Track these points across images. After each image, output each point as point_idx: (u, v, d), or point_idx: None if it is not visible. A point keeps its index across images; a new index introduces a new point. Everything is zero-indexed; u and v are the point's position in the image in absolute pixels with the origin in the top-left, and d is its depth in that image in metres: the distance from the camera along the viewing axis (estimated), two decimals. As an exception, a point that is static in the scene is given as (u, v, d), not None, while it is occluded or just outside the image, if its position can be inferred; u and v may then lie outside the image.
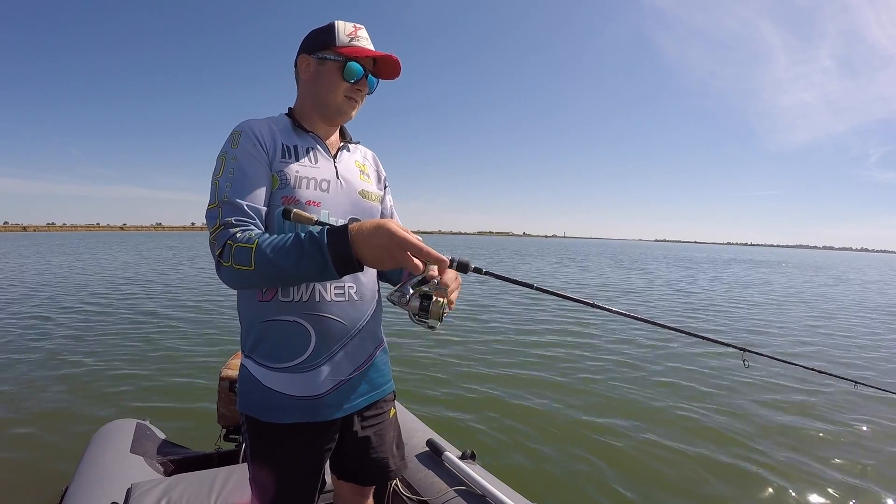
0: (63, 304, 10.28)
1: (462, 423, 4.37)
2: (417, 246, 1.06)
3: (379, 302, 1.48)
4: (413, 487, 2.19)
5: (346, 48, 1.35)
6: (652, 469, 3.66)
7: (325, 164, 1.39)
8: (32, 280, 14.45)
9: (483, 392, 5.21)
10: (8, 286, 12.72)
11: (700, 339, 1.76)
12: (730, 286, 18.66)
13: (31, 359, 6.09)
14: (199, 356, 6.34)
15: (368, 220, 1.11)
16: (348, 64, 1.34)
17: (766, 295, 15.65)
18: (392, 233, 1.05)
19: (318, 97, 1.39)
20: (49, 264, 20.63)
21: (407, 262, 1.06)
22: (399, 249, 1.06)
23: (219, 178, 1.26)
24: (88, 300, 10.75)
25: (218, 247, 1.18)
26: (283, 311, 1.29)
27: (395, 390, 1.58)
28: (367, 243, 1.07)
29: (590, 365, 6.25)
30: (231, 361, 2.68)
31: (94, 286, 13.19)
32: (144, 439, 2.62)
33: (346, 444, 1.44)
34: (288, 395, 1.30)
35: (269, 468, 1.34)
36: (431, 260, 1.09)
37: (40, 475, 3.31)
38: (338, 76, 1.35)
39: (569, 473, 3.57)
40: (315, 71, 1.38)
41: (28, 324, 8.07)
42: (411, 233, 1.08)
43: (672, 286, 17.64)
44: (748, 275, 25.78)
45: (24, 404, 4.59)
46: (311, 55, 1.38)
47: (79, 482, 2.18)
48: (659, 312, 10.94)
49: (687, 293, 15.34)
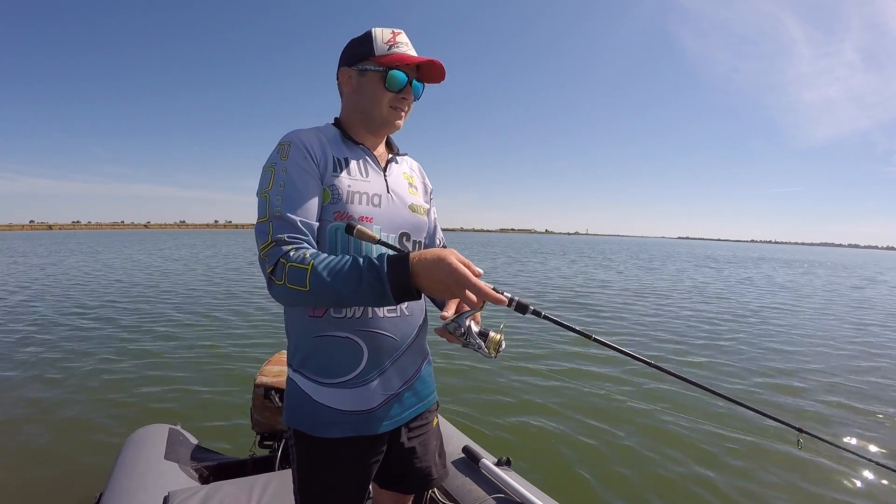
0: (88, 305, 10.43)
1: (494, 429, 4.33)
2: (477, 286, 1.04)
3: (426, 315, 1.47)
4: (450, 494, 2.17)
5: (386, 57, 1.31)
6: (686, 489, 3.57)
7: (375, 178, 1.37)
8: (61, 280, 14.60)
9: (518, 397, 5.16)
10: (35, 287, 12.86)
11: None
12: (773, 290, 17.94)
13: (59, 361, 6.17)
14: (230, 360, 6.37)
15: (429, 251, 1.08)
16: (390, 73, 1.30)
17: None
18: (453, 269, 1.03)
19: (363, 110, 1.36)
20: (78, 263, 20.91)
21: (465, 298, 1.05)
22: (458, 286, 1.04)
23: (269, 192, 1.23)
24: (112, 302, 10.87)
25: (270, 264, 1.15)
26: (335, 328, 1.28)
27: (438, 400, 1.58)
28: (426, 276, 1.05)
29: (630, 376, 6.07)
30: (265, 368, 2.67)
31: (120, 287, 13.33)
32: (178, 445, 2.61)
33: (391, 454, 1.43)
34: (339, 410, 1.29)
35: (318, 481, 1.34)
36: (489, 300, 1.06)
37: (73, 480, 3.33)
38: (380, 87, 1.32)
39: (604, 482, 3.51)
40: (357, 83, 1.35)
41: (56, 326, 8.16)
42: (471, 265, 1.06)
43: (702, 290, 17.17)
44: (794, 278, 23.92)
45: (55, 408, 4.64)
46: (351, 67, 1.35)
47: (114, 488, 2.17)
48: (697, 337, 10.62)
49: (727, 302, 14.57)
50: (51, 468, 3.50)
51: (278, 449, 2.57)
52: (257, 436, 2.66)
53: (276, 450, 2.58)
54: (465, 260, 1.06)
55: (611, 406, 4.92)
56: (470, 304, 1.08)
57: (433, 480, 1.53)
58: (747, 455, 3.98)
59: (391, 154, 1.47)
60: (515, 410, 4.80)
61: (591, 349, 6.98)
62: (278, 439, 2.61)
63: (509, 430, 4.32)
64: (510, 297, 1.09)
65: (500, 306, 1.09)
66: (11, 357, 6.35)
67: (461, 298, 1.06)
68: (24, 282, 14.60)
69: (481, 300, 1.06)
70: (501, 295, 1.07)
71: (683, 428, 4.42)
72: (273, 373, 2.61)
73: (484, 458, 2.30)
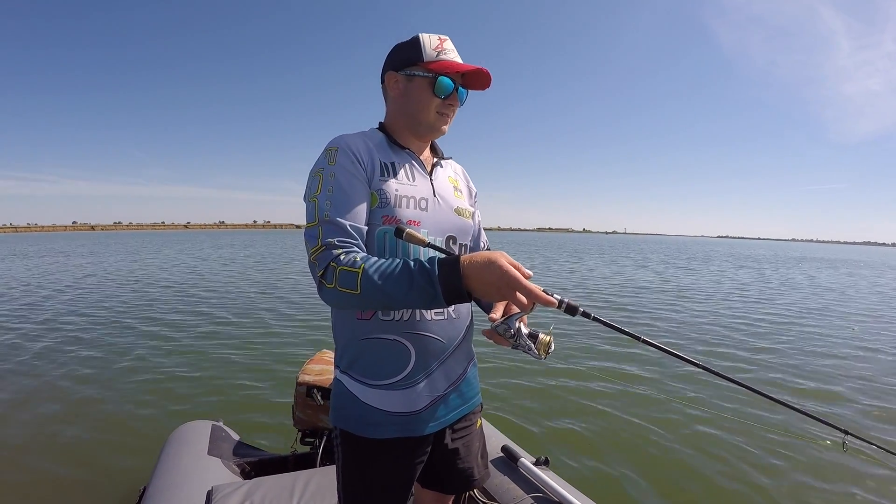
0: (132, 303, 10.69)
1: (532, 429, 4.31)
2: (528, 288, 1.04)
3: (472, 318, 1.47)
4: (489, 493, 2.18)
5: (435, 63, 1.32)
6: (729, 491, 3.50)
7: (422, 182, 1.38)
8: (103, 278, 14.93)
9: (557, 397, 5.14)
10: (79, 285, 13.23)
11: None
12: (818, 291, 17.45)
13: (103, 359, 6.36)
14: (272, 358, 6.46)
15: (479, 253, 1.10)
16: (438, 79, 1.31)
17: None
18: (504, 271, 1.04)
19: (410, 114, 1.37)
20: (119, 262, 21.30)
21: (515, 300, 1.06)
22: (508, 288, 1.05)
23: (317, 196, 1.25)
24: (154, 301, 11.12)
25: (320, 268, 1.17)
26: (383, 330, 1.29)
27: (482, 402, 1.58)
28: (477, 278, 1.07)
29: (672, 377, 5.94)
30: (307, 366, 2.70)
31: (162, 286, 13.63)
32: (220, 441, 2.66)
33: (435, 455, 1.44)
34: (386, 411, 1.30)
35: (363, 481, 1.36)
36: (540, 302, 1.06)
37: (118, 474, 3.42)
38: (428, 92, 1.33)
39: (643, 483, 3.46)
40: (404, 88, 1.36)
41: (102, 324, 8.40)
42: (521, 267, 1.07)
43: (743, 290, 16.74)
44: (838, 279, 22.78)
45: (100, 404, 4.79)
46: (398, 72, 1.36)
47: (157, 483, 2.22)
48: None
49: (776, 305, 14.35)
50: (96, 463, 3.61)
51: (319, 446, 2.60)
52: (299, 433, 2.70)
53: (318, 447, 2.61)
54: (514, 262, 1.07)
55: (652, 407, 4.85)
56: (520, 305, 1.07)
57: (475, 481, 1.54)
58: (791, 456, 3.90)
59: (436, 158, 1.48)
60: (554, 410, 4.77)
61: (633, 350, 6.91)
62: (319, 436, 2.64)
63: (547, 430, 4.29)
64: (560, 299, 1.09)
65: (550, 308, 1.09)
66: (59, 354, 6.56)
67: (511, 300, 1.07)
68: (67, 280, 15.07)
69: (531, 302, 1.07)
70: (552, 297, 1.07)
71: (726, 430, 4.33)
72: (315, 371, 2.64)
73: (522, 457, 2.30)
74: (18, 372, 5.79)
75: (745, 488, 3.46)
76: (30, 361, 6.26)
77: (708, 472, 3.64)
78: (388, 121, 1.44)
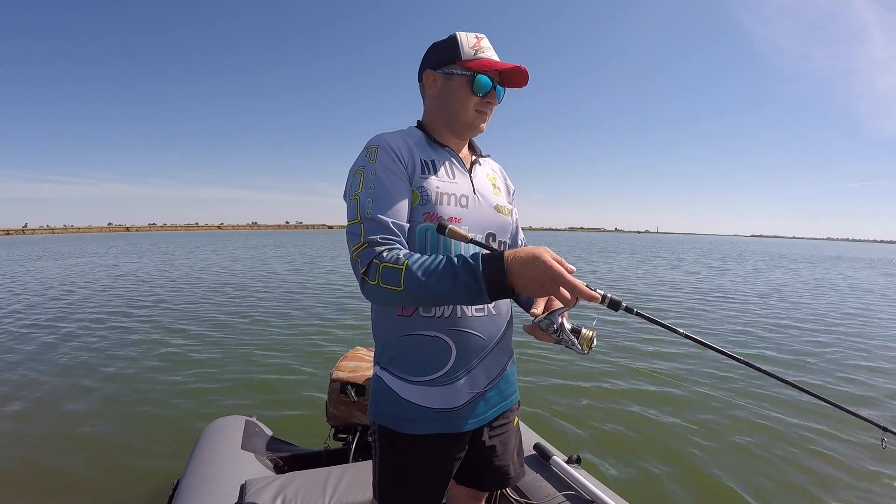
0: (168, 301, 10.94)
1: (564, 427, 4.27)
2: (571, 283, 1.03)
3: (511, 315, 1.47)
4: (521, 491, 2.16)
5: (473, 61, 1.33)
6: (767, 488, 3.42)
7: (462, 179, 1.38)
8: (141, 277, 15.26)
9: (590, 394, 5.10)
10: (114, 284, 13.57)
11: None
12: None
13: (143, 355, 6.50)
14: (306, 355, 6.52)
15: (523, 249, 1.09)
16: (477, 77, 1.32)
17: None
18: (548, 267, 1.03)
19: (449, 113, 1.38)
20: (154, 262, 21.77)
21: (559, 295, 1.05)
22: (553, 284, 1.04)
23: (359, 195, 1.25)
24: (195, 298, 11.37)
25: (363, 265, 1.17)
26: (424, 326, 1.29)
27: (519, 400, 1.58)
28: (521, 274, 1.06)
29: (711, 379, 5.77)
30: (341, 363, 2.71)
31: (202, 285, 13.89)
32: (254, 436, 2.68)
33: (472, 452, 1.44)
34: (425, 407, 1.30)
35: (400, 477, 1.36)
36: (584, 297, 1.05)
37: (151, 467, 3.48)
38: (467, 91, 1.34)
39: (677, 483, 3.39)
40: (443, 86, 1.36)
41: (138, 320, 8.58)
42: (564, 262, 1.06)
43: (779, 291, 16.28)
44: (877, 280, 21.60)
45: (137, 398, 4.90)
46: (436, 70, 1.36)
47: (191, 476, 2.25)
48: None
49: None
50: (132, 455, 3.68)
51: (352, 442, 2.61)
52: (332, 429, 2.71)
53: (350, 443, 2.62)
54: (558, 257, 1.07)
55: (688, 408, 4.76)
56: (563, 301, 1.07)
57: (510, 479, 1.53)
58: (829, 455, 3.82)
59: (474, 156, 1.48)
60: (587, 408, 4.73)
61: (669, 349, 6.83)
62: (352, 432, 2.65)
63: (580, 429, 4.25)
64: (603, 294, 1.08)
65: (593, 303, 1.08)
66: (97, 352, 6.74)
67: (555, 296, 1.06)
68: (103, 280, 15.47)
69: (575, 298, 1.06)
70: (595, 292, 1.06)
71: (763, 430, 4.25)
72: (349, 368, 2.65)
73: (555, 455, 2.28)
74: (62, 365, 5.98)
75: (782, 489, 3.38)
76: (71, 354, 6.50)
77: (745, 473, 3.56)
78: (427, 119, 1.44)
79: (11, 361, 6.17)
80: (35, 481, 3.36)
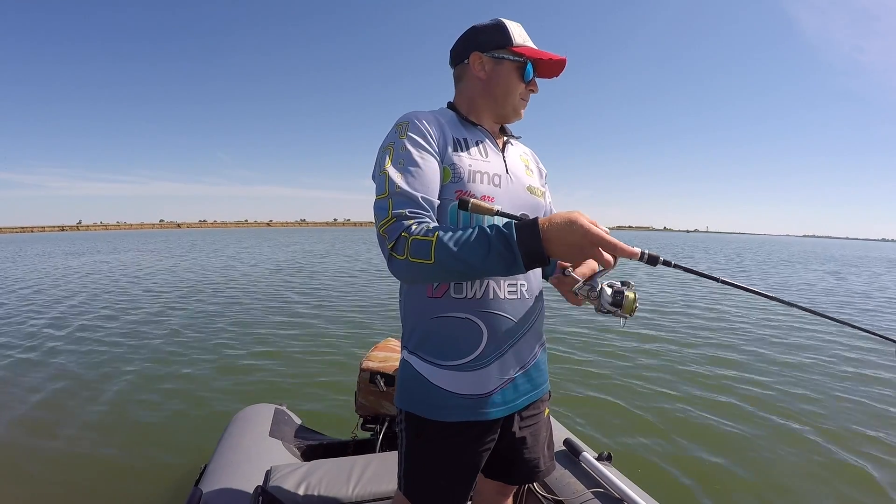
0: (208, 291, 11.30)
1: (595, 423, 4.19)
2: (612, 243, 1.00)
3: (542, 299, 1.43)
4: (549, 487, 2.11)
5: (523, 49, 1.33)
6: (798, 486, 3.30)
7: (494, 158, 1.35)
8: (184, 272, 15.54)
9: (621, 389, 5.01)
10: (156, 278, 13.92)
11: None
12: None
13: (178, 342, 6.72)
14: (337, 346, 6.59)
15: (557, 214, 1.05)
16: (528, 64, 1.33)
17: None
18: (586, 230, 1.00)
19: (495, 97, 1.36)
20: (200, 257, 22.11)
21: (599, 257, 1.01)
22: (591, 247, 1.00)
23: (387, 169, 1.21)
24: (231, 289, 11.70)
25: (390, 240, 1.13)
26: (454, 308, 1.25)
27: (550, 390, 1.53)
28: (558, 240, 1.02)
29: (747, 384, 5.51)
30: (372, 353, 2.70)
31: (238, 277, 14.25)
32: (282, 424, 2.70)
33: (502, 443, 1.39)
34: (455, 393, 1.26)
35: (428, 465, 1.32)
36: (624, 255, 1.02)
37: (180, 452, 3.56)
38: (515, 77, 1.34)
39: (708, 486, 3.29)
40: (491, 70, 1.35)
41: (179, 311, 8.82)
42: (599, 224, 1.02)
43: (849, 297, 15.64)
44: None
45: (168, 385, 5.03)
46: (485, 53, 1.34)
47: (218, 461, 2.26)
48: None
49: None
50: (160, 441, 3.76)
51: (380, 432, 2.60)
52: (360, 419, 2.70)
53: (378, 433, 2.61)
54: (592, 220, 1.03)
55: (729, 411, 4.58)
56: (605, 263, 1.02)
57: (540, 472, 1.48)
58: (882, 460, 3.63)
59: (506, 137, 1.46)
60: (620, 405, 4.62)
61: (706, 350, 6.63)
62: (380, 423, 2.64)
63: (613, 426, 4.17)
64: (641, 251, 1.04)
65: (633, 260, 1.04)
66: (134, 340, 6.94)
67: (596, 258, 1.02)
68: (152, 274, 15.98)
69: (615, 258, 1.03)
70: (634, 249, 1.02)
71: (807, 431, 4.09)
72: (379, 358, 2.64)
73: (585, 451, 2.23)
74: (105, 353, 6.19)
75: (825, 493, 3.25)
76: (114, 340, 6.76)
77: (775, 472, 3.46)
78: (462, 99, 1.42)
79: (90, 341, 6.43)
80: (67, 461, 3.47)
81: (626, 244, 1.01)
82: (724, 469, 3.50)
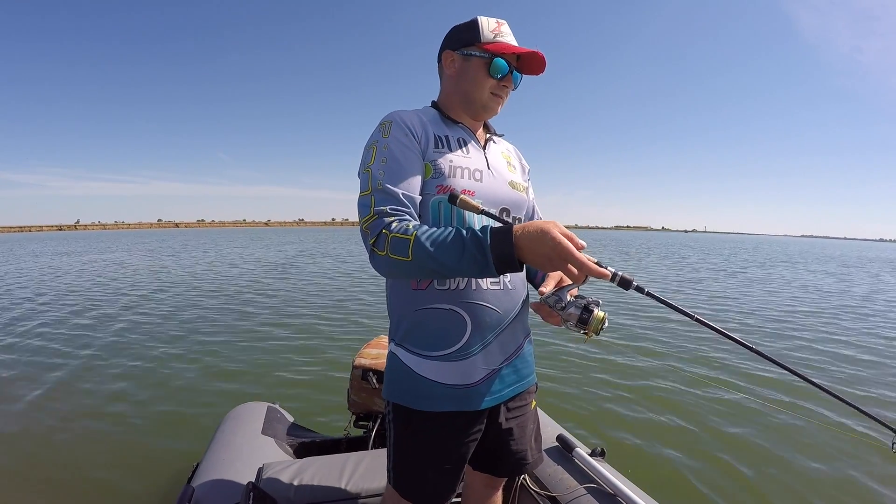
0: (200, 291, 11.27)
1: (588, 419, 4.21)
2: (580, 260, 1.02)
3: (528, 291, 1.46)
4: (541, 482, 2.11)
5: (492, 44, 1.34)
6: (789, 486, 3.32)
7: (476, 155, 1.39)
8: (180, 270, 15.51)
9: (614, 384, 5.03)
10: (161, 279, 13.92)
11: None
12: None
13: (169, 341, 6.69)
14: (329, 345, 6.59)
15: (532, 223, 1.08)
16: (494, 60, 1.34)
17: None
18: (557, 243, 1.02)
19: (464, 93, 1.39)
20: (195, 256, 21.88)
21: (567, 271, 1.04)
22: (560, 259, 1.03)
23: (370, 167, 1.26)
24: (224, 289, 11.65)
25: (372, 236, 1.17)
26: (438, 300, 1.28)
27: (536, 382, 1.54)
28: (529, 248, 1.05)
29: (741, 377, 5.60)
30: (364, 350, 2.70)
31: (233, 277, 14.15)
32: (275, 422, 2.69)
33: (488, 434, 1.41)
34: (441, 383, 1.29)
35: (416, 457, 1.34)
36: (593, 274, 1.04)
37: (172, 450, 3.55)
38: (483, 73, 1.35)
39: (701, 479, 3.31)
40: (460, 67, 1.38)
41: (170, 310, 8.80)
42: (574, 238, 1.04)
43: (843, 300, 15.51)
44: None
45: (160, 384, 5.01)
46: (455, 51, 1.38)
47: (210, 459, 2.25)
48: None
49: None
50: (152, 440, 3.76)
51: (373, 430, 2.59)
52: (353, 416, 2.70)
53: (371, 430, 2.61)
54: (567, 233, 1.05)
55: (721, 406, 4.61)
56: (572, 277, 1.05)
57: (527, 465, 1.50)
58: (847, 456, 3.70)
59: (488, 134, 1.49)
60: (613, 402, 4.65)
61: (700, 346, 6.66)
62: (373, 420, 2.64)
63: (606, 422, 4.19)
64: (613, 272, 1.05)
65: (604, 280, 1.07)
66: (133, 337, 6.92)
67: (563, 272, 1.05)
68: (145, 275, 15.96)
69: (583, 274, 1.04)
70: (605, 269, 1.03)
71: (795, 433, 4.10)
72: (371, 355, 2.64)
73: (578, 447, 2.22)
74: (98, 348, 6.18)
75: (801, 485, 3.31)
76: (106, 339, 6.73)
77: (770, 470, 3.47)
78: (442, 99, 1.45)
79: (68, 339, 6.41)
80: (59, 460, 3.46)
81: (597, 265, 1.04)
82: (718, 464, 3.52)
